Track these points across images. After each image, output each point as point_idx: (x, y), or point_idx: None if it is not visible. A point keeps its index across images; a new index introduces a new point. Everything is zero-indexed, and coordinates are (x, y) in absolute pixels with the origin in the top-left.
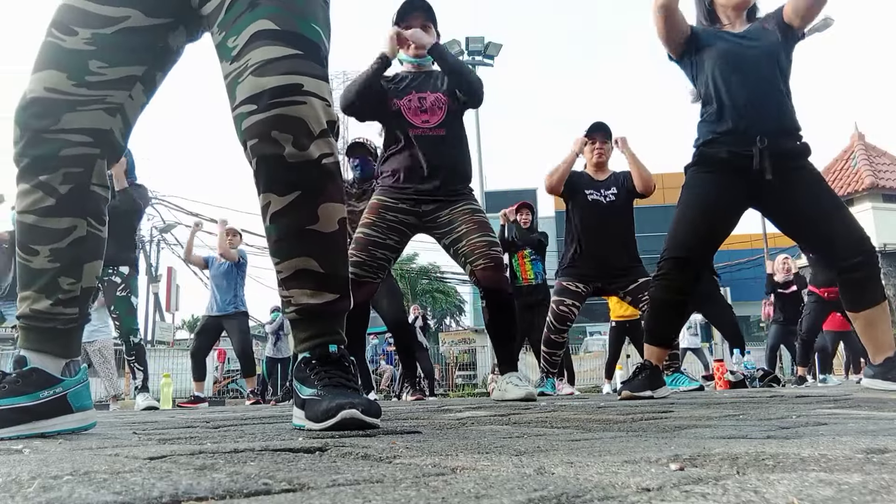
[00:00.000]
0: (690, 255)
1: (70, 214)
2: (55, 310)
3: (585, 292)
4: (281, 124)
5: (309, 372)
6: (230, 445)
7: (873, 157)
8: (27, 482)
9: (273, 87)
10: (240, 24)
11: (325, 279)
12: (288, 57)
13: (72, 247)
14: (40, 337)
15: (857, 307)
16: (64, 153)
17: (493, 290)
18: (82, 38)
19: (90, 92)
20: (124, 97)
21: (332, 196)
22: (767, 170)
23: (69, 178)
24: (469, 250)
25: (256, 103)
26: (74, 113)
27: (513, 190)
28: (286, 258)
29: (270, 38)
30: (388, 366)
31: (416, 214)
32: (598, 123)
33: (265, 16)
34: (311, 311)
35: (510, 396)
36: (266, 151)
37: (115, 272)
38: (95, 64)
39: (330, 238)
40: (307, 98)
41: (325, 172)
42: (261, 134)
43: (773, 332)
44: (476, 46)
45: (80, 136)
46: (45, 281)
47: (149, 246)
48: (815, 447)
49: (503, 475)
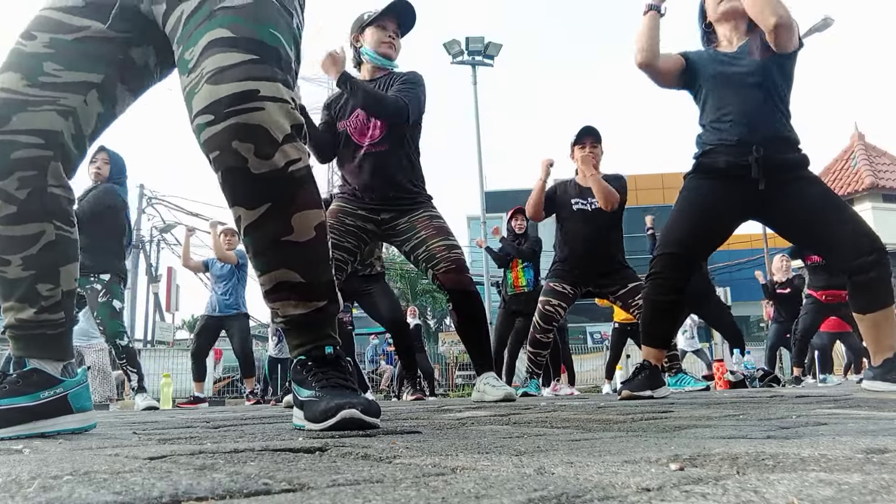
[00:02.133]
0: (681, 252)
1: (35, 220)
2: (41, 317)
3: (573, 294)
4: (240, 134)
5: (306, 374)
6: (230, 445)
7: (873, 157)
8: (27, 482)
9: (228, 95)
10: (195, 36)
11: (308, 288)
12: (243, 63)
13: (44, 252)
14: (31, 344)
15: (864, 309)
16: (16, 156)
17: (457, 292)
18: (41, 41)
19: (42, 92)
20: (78, 101)
21: (305, 203)
22: (762, 180)
23: (25, 182)
24: (429, 255)
25: (213, 113)
26: (25, 113)
27: (512, 190)
28: (265, 271)
29: (225, 46)
30: (388, 366)
31: (375, 222)
32: (587, 128)
33: (220, 25)
34: (298, 322)
35: (489, 398)
36: (229, 164)
37: (96, 279)
38: (50, 66)
39: (307, 247)
40: (264, 104)
41: (294, 180)
42: (221, 146)
43: (774, 331)
44: (476, 46)
45: (31, 136)
46: (23, 290)
47: (149, 246)
48: (815, 447)
49: (503, 475)
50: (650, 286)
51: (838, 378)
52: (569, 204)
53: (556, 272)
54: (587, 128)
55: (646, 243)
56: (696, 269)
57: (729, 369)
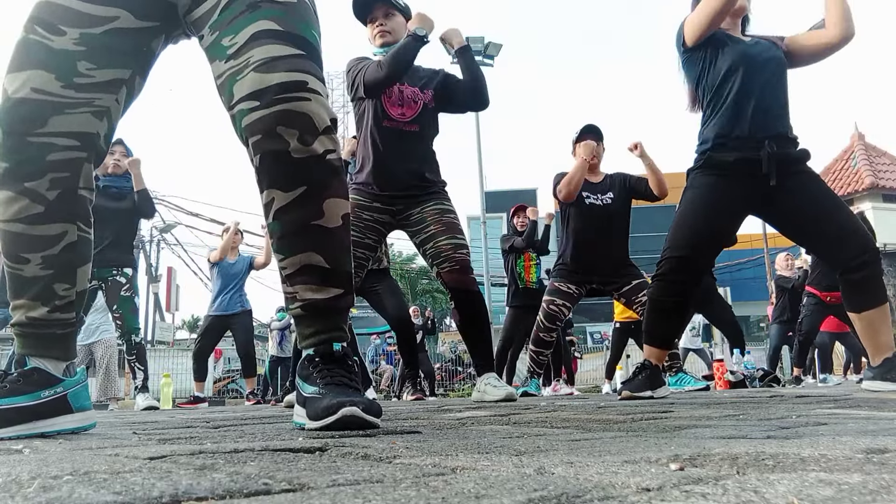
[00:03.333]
0: (690, 255)
1: (60, 220)
2: (53, 316)
3: (578, 294)
4: (286, 120)
5: (312, 370)
6: (230, 445)
7: (873, 157)
8: (27, 482)
9: (279, 83)
10: (238, 24)
11: (330, 274)
12: (293, 56)
13: (64, 252)
14: (39, 343)
15: (859, 308)
16: (51, 157)
17: (460, 291)
18: (71, 38)
19: (78, 94)
20: (111, 101)
21: (337, 191)
22: (773, 175)
23: (56, 183)
24: (436, 252)
25: (259, 99)
26: (62, 116)
27: (512, 190)
28: (291, 254)
29: (273, 38)
30: (389, 366)
31: (391, 213)
32: (589, 125)
33: (267, 17)
34: (316, 307)
35: (490, 398)
36: (271, 147)
37: (121, 273)
38: (84, 65)
39: (335, 233)
40: (312, 95)
41: (330, 168)
42: (265, 130)
43: (776, 331)
44: (476, 46)
45: (68, 139)
46: (38, 288)
47: (149, 246)
48: (815, 447)
49: (503, 475)
50: (656, 287)
51: (838, 378)
52: (581, 198)
53: (559, 272)
54: (589, 126)
55: (650, 243)
56: (705, 272)
57: (729, 369)
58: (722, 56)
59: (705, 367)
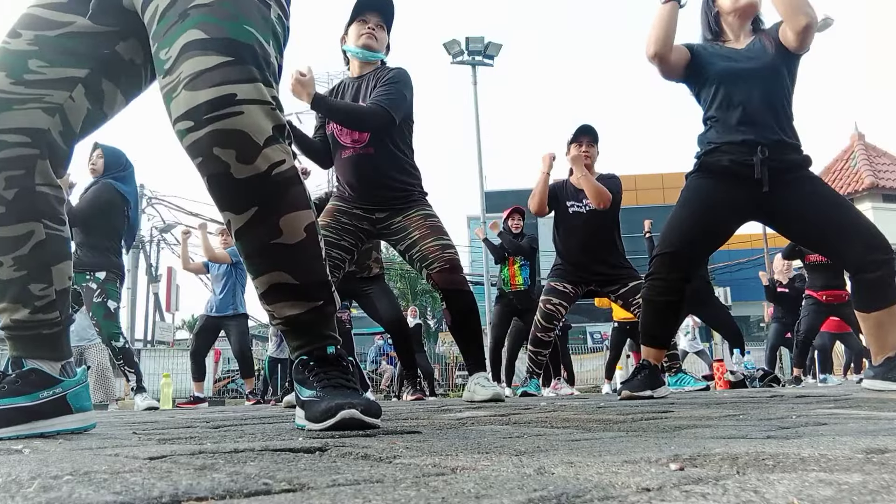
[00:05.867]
0: (679, 251)
1: (24, 219)
2: (36, 317)
3: (574, 293)
4: (220, 140)
5: (307, 373)
6: (230, 445)
7: (873, 157)
8: (27, 482)
9: (206, 101)
10: (171, 36)
11: (302, 289)
12: (218, 66)
13: (34, 252)
14: (29, 345)
15: (869, 308)
16: (2, 155)
17: (451, 291)
18: (25, 39)
19: (27, 90)
20: (64, 98)
21: (293, 205)
22: (766, 181)
23: (12, 181)
24: (423, 255)
25: (192, 119)
26: (10, 112)
27: (512, 190)
28: (258, 274)
29: (200, 49)
30: (389, 366)
31: (371, 221)
32: (584, 126)
33: (194, 25)
34: (295, 323)
35: (478, 397)
36: (212, 170)
37: (92, 278)
38: (35, 63)
39: (298, 248)
40: (242, 107)
41: (279, 183)
42: (203, 153)
43: (774, 331)
44: (476, 46)
45: (17, 135)
46: (15, 291)
47: (149, 246)
48: (815, 447)
49: (503, 475)
50: (649, 286)
51: (838, 378)
52: (564, 206)
53: (556, 271)
54: (584, 126)
55: (646, 243)
56: (696, 270)
57: (729, 369)
58: (709, 75)
59: (705, 367)
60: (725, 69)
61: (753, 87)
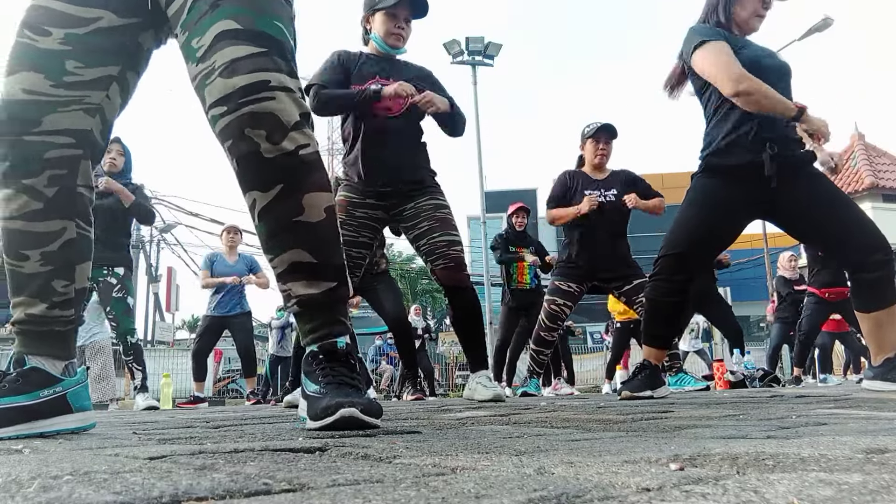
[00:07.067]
0: (684, 253)
1: (59, 217)
2: (52, 313)
3: (579, 292)
4: (252, 122)
5: (315, 367)
6: (230, 445)
7: (873, 157)
8: (27, 482)
9: (241, 87)
10: (203, 25)
11: (320, 268)
12: (252, 55)
13: (63, 249)
14: (38, 341)
15: (869, 308)
16: (48, 155)
17: (454, 289)
18: (56, 38)
19: (69, 93)
20: (101, 97)
21: (316, 185)
22: (775, 178)
23: (55, 180)
24: (430, 249)
25: (226, 104)
26: (56, 114)
27: (512, 190)
28: (279, 253)
29: (234, 38)
30: (389, 366)
31: (384, 208)
32: (606, 125)
33: (228, 16)
34: (311, 302)
35: (479, 397)
36: (242, 150)
37: (111, 273)
38: (72, 64)
39: (319, 227)
40: (275, 93)
41: (304, 163)
42: (234, 134)
43: (777, 330)
44: (476, 46)
45: (64, 137)
46: (38, 285)
47: (149, 246)
48: (815, 447)
49: (503, 475)
50: (652, 287)
51: (838, 378)
52: (582, 193)
53: (561, 271)
54: (606, 125)
55: (649, 243)
56: (702, 271)
57: (729, 369)
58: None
59: (705, 367)
60: (754, 58)
61: (772, 81)
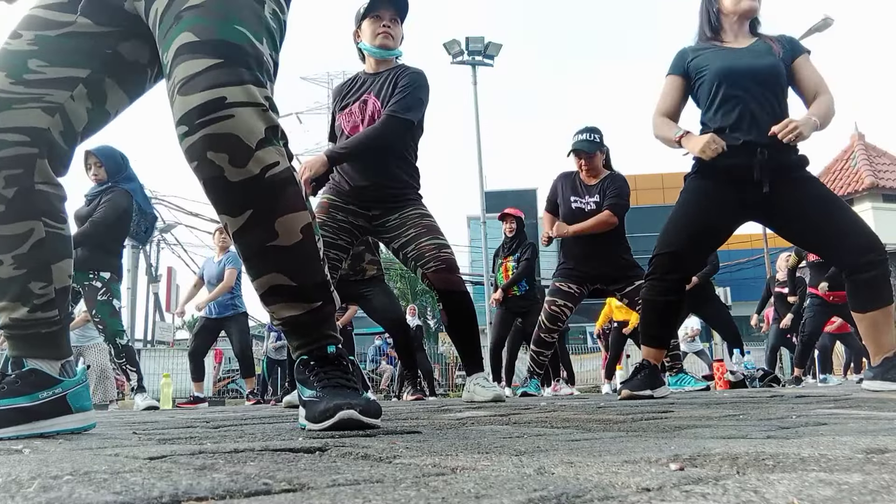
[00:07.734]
0: (677, 252)
1: (23, 218)
2: (34, 316)
3: (579, 293)
4: (212, 144)
5: (308, 373)
6: (230, 445)
7: (873, 157)
8: (27, 482)
9: (197, 106)
10: (169, 39)
11: (300, 290)
12: (207, 70)
13: (34, 250)
14: (28, 344)
15: (865, 308)
16: (1, 154)
17: (447, 291)
18: (26, 39)
19: (27, 90)
20: (64, 97)
21: (288, 207)
22: (765, 182)
23: (11, 180)
24: (419, 254)
25: (187, 125)
26: (9, 111)
27: (512, 190)
28: (257, 276)
29: (191, 52)
30: (389, 366)
31: (366, 217)
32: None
33: (186, 27)
34: (295, 323)
35: (479, 398)
36: (207, 173)
37: (97, 277)
38: (35, 63)
39: (294, 250)
40: (233, 111)
41: (272, 185)
42: (198, 157)
43: (774, 331)
44: (476, 46)
45: (16, 135)
46: (16, 289)
47: (149, 246)
48: (815, 447)
49: (503, 475)
50: (648, 287)
51: (838, 378)
52: (568, 202)
53: (561, 272)
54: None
55: (646, 243)
56: (696, 270)
57: (729, 369)
58: (707, 76)
59: (705, 367)
60: (725, 67)
61: (753, 85)
